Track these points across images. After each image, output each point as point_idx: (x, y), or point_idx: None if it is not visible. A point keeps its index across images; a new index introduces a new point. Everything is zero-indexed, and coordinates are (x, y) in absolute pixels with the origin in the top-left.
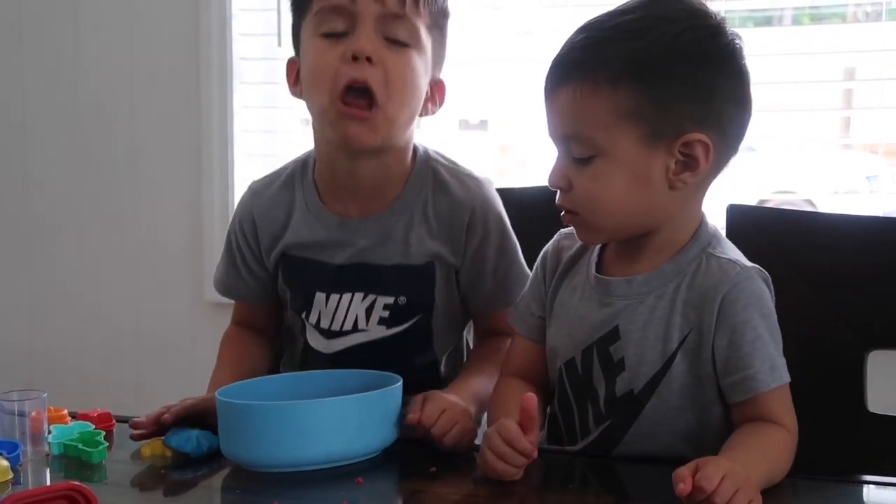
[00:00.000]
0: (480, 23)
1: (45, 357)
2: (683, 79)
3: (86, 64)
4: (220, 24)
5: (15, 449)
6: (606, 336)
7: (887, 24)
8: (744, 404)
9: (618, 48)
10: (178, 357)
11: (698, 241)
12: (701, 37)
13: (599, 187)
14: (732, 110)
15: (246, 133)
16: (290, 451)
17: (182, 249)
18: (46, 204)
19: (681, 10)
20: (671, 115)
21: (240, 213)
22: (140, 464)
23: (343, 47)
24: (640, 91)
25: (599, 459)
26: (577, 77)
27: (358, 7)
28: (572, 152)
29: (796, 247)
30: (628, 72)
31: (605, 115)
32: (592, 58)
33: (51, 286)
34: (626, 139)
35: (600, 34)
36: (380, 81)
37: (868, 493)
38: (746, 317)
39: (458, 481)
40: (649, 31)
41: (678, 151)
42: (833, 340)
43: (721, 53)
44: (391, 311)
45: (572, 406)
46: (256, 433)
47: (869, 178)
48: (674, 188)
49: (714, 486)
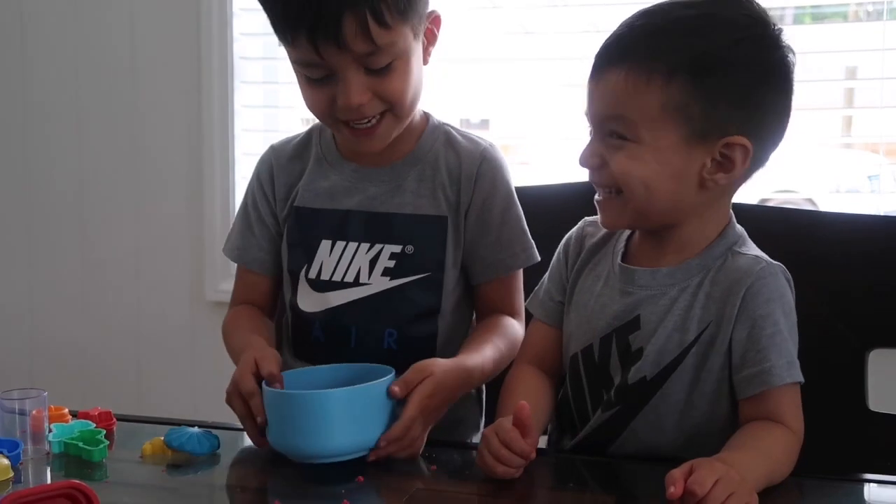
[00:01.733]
0: (481, 22)
1: (45, 355)
2: (737, 85)
3: (87, 62)
4: (221, 24)
5: (16, 447)
6: (627, 325)
7: (889, 23)
8: (753, 401)
9: (679, 42)
10: (180, 356)
11: (725, 240)
12: (760, 47)
13: (634, 167)
14: (774, 122)
15: (246, 132)
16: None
17: (183, 248)
18: (47, 202)
19: (744, 16)
20: (717, 118)
21: (258, 169)
22: (141, 462)
23: (330, 93)
24: (692, 89)
25: (600, 458)
26: (633, 61)
27: (329, 63)
28: (611, 130)
29: (797, 246)
30: (685, 68)
31: (654, 106)
32: (652, 45)
33: (51, 285)
34: (669, 134)
35: (663, 23)
36: (379, 106)
37: (869, 491)
38: (768, 310)
39: (459, 480)
40: (712, 31)
41: (718, 152)
42: (834, 339)
43: (776, 67)
44: (397, 260)
45: (585, 392)
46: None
47: (870, 177)
48: (704, 187)
49: (706, 490)
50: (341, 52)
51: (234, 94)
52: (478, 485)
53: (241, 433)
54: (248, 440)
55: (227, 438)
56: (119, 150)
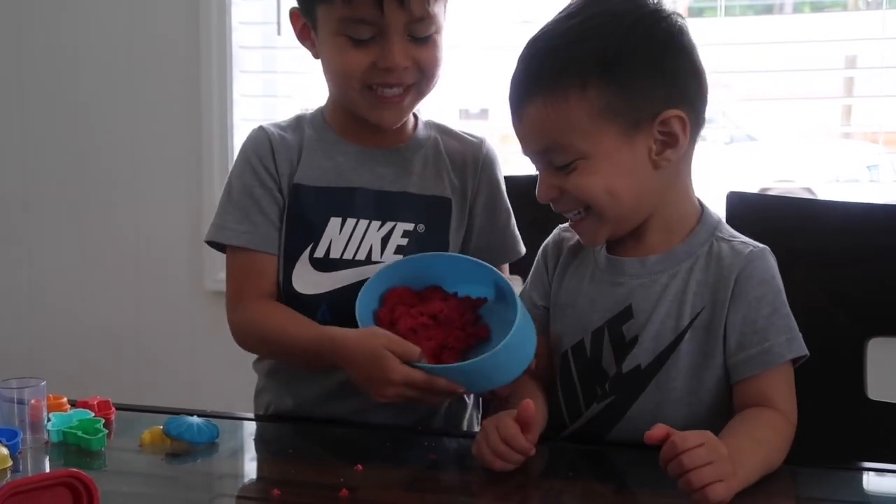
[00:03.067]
0: (480, 11)
1: (44, 345)
2: (647, 66)
3: (85, 52)
4: (220, 13)
5: (14, 436)
6: (619, 315)
7: (888, 12)
8: (747, 384)
9: (577, 52)
10: (178, 345)
11: (706, 225)
12: (650, 23)
13: (591, 184)
14: (693, 84)
15: (245, 121)
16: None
17: (182, 237)
18: (46, 193)
19: (621, 3)
20: (644, 103)
21: (252, 148)
22: (140, 451)
23: (372, 56)
24: (609, 88)
25: (598, 446)
26: (544, 89)
27: (386, 19)
28: (554, 162)
29: (796, 234)
30: (593, 72)
31: (581, 119)
32: (554, 67)
33: (50, 274)
34: (606, 136)
35: (555, 42)
36: (412, 75)
37: (868, 479)
38: (762, 292)
39: (458, 469)
40: (602, 29)
41: (657, 132)
42: (833, 328)
43: (671, 34)
44: (409, 238)
45: (577, 388)
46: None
47: (869, 167)
48: (658, 167)
49: (687, 446)
50: (401, 10)
51: (233, 83)
52: (477, 473)
53: (241, 422)
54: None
55: (226, 427)
56: (118, 141)
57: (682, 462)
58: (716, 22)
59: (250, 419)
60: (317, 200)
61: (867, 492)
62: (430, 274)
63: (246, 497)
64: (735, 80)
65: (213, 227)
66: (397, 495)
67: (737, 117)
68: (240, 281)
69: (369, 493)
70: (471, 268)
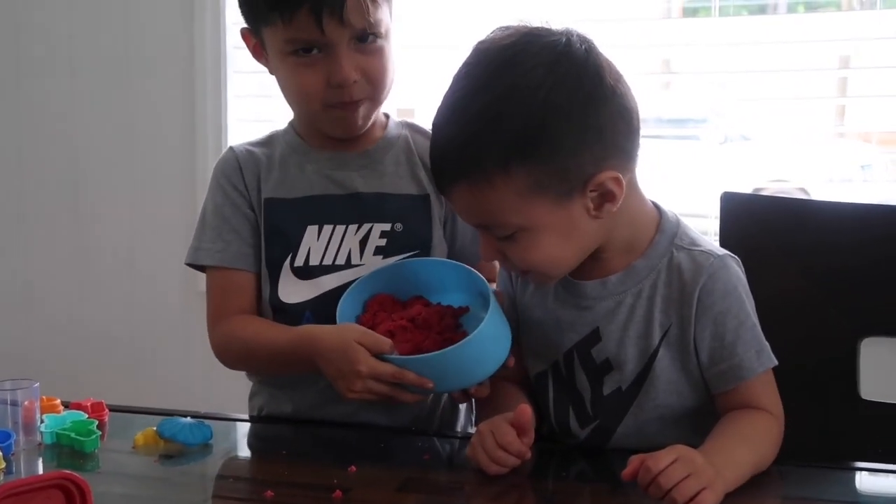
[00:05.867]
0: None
1: (37, 346)
2: (568, 135)
3: (81, 54)
4: (214, 14)
5: (7, 438)
6: (586, 339)
7: (882, 12)
8: (726, 396)
9: (495, 136)
10: (172, 346)
11: (664, 234)
12: (564, 83)
13: (532, 254)
14: (620, 126)
15: (240, 122)
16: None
17: (176, 238)
18: (41, 192)
19: (532, 68)
20: (572, 170)
21: (221, 169)
22: (133, 453)
23: (322, 72)
24: (534, 166)
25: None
26: (468, 176)
27: (327, 37)
28: (494, 233)
29: (790, 235)
30: (515, 155)
31: (510, 198)
32: (476, 154)
33: (44, 276)
34: (539, 210)
35: (471, 127)
36: (362, 90)
37: (861, 479)
38: (726, 306)
39: (451, 469)
40: (515, 108)
41: (590, 193)
42: (826, 328)
43: (589, 86)
44: (388, 238)
45: (562, 407)
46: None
47: (863, 166)
48: (600, 219)
49: (660, 467)
50: (341, 27)
51: (228, 84)
52: (470, 474)
53: (234, 423)
54: (241, 431)
55: (219, 429)
56: (113, 141)
57: (659, 484)
58: (710, 22)
59: (244, 420)
60: (291, 212)
61: (860, 491)
62: (415, 280)
63: (239, 498)
64: (729, 79)
65: (191, 250)
66: (390, 496)
67: (730, 117)
68: (218, 299)
69: (362, 494)
70: (453, 273)
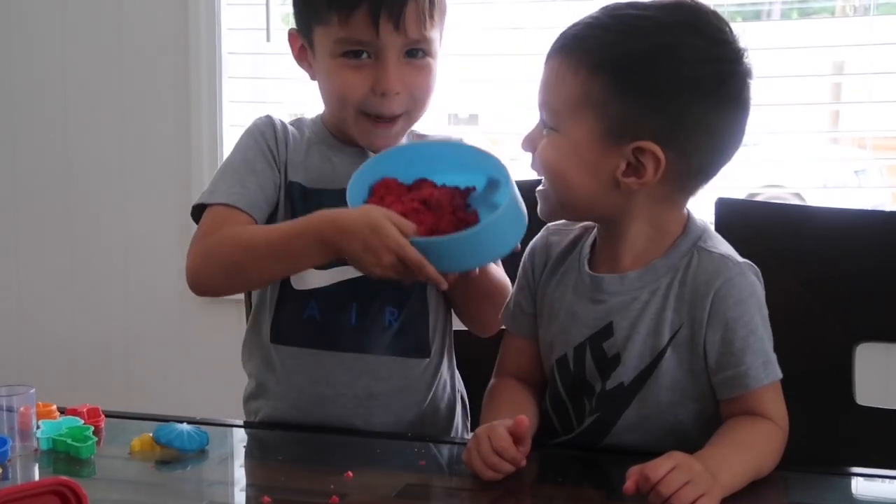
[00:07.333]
0: (471, 17)
1: (33, 351)
2: (659, 95)
3: (74, 56)
4: (209, 19)
5: (3, 444)
6: (600, 333)
7: (876, 18)
8: (731, 402)
9: (611, 38)
10: (168, 351)
11: (689, 236)
12: (701, 58)
13: (552, 157)
14: (703, 140)
15: (234, 128)
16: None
17: (171, 243)
18: (35, 196)
19: (692, 25)
20: (633, 122)
21: (259, 128)
22: (129, 459)
23: (369, 79)
24: (613, 88)
25: (589, 452)
26: (566, 53)
27: (381, 41)
28: (543, 118)
29: (785, 240)
30: (610, 66)
31: (576, 97)
32: (586, 39)
33: (40, 280)
34: (584, 127)
35: (604, 20)
36: (405, 102)
37: (856, 484)
38: (738, 312)
39: (448, 475)
40: (645, 34)
41: (630, 154)
42: (822, 333)
43: (716, 81)
44: None
45: (566, 402)
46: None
47: (857, 172)
48: (619, 187)
49: (659, 475)
50: (396, 33)
51: (223, 89)
52: (466, 480)
53: (230, 429)
54: (237, 436)
55: (216, 435)
56: (107, 147)
57: (659, 492)
58: None
59: (240, 426)
60: (314, 202)
61: (856, 497)
62: (418, 165)
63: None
64: None
65: (204, 194)
66: (387, 502)
67: None
68: (209, 229)
69: (359, 499)
70: (460, 156)
